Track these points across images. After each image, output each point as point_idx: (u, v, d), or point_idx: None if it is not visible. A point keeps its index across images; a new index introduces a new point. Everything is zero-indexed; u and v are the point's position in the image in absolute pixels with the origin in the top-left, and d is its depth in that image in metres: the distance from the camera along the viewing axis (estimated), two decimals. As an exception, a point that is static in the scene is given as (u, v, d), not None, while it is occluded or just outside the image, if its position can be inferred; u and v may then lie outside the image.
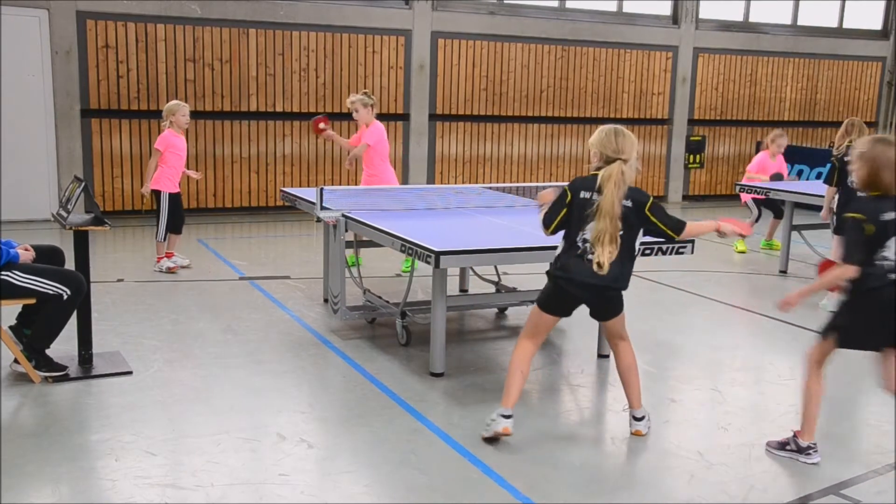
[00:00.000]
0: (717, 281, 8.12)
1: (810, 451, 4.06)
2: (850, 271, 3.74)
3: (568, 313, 4.23)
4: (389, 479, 3.80)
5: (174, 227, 7.82)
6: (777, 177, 9.51)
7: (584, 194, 4.02)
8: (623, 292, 4.18)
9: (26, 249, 4.81)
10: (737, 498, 3.71)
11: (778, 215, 9.65)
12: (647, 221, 4.07)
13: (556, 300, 4.15)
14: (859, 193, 3.98)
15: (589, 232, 3.98)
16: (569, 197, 4.07)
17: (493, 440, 4.16)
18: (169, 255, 7.85)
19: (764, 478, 3.90)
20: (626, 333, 4.30)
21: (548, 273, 4.17)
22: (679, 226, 4.12)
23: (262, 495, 3.60)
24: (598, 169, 4.04)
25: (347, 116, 11.72)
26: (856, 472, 4.01)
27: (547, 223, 4.12)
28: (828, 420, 4.74)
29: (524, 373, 4.21)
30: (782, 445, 4.15)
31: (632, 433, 4.32)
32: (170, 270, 7.73)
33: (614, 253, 3.97)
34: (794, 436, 4.12)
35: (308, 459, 3.97)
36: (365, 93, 7.78)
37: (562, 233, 4.15)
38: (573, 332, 6.16)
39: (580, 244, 4.03)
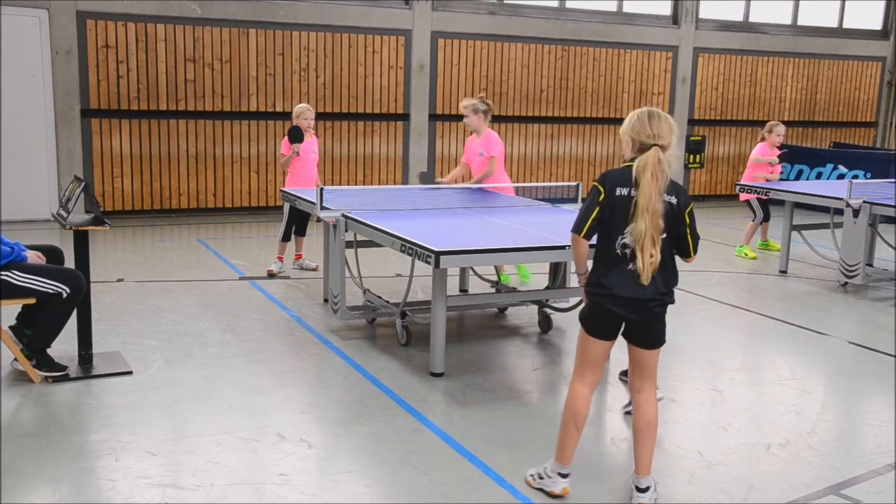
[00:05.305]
0: (717, 281, 8.12)
1: None
2: None
3: (614, 336, 3.59)
4: (389, 479, 3.80)
5: (290, 229, 7.85)
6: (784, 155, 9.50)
7: (620, 191, 3.42)
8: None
9: (39, 257, 4.84)
10: (737, 498, 3.71)
11: (766, 218, 9.53)
12: (681, 224, 3.52)
13: (600, 320, 3.54)
14: None
15: (629, 236, 3.40)
16: (602, 194, 3.44)
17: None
18: (297, 258, 8.08)
19: (764, 478, 3.90)
20: (656, 376, 3.70)
21: (585, 291, 3.59)
22: (696, 248, 3.61)
23: (262, 495, 3.60)
24: (633, 160, 3.47)
25: (347, 116, 11.77)
26: (856, 472, 4.00)
27: (578, 226, 3.48)
28: (828, 420, 4.74)
29: (579, 427, 3.60)
30: None
31: None
32: (269, 272, 7.78)
33: (657, 258, 3.38)
34: None
35: (308, 459, 3.97)
36: (480, 97, 7.28)
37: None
38: (573, 332, 6.15)
39: (619, 251, 3.43)
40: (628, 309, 3.45)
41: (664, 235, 3.44)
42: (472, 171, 7.40)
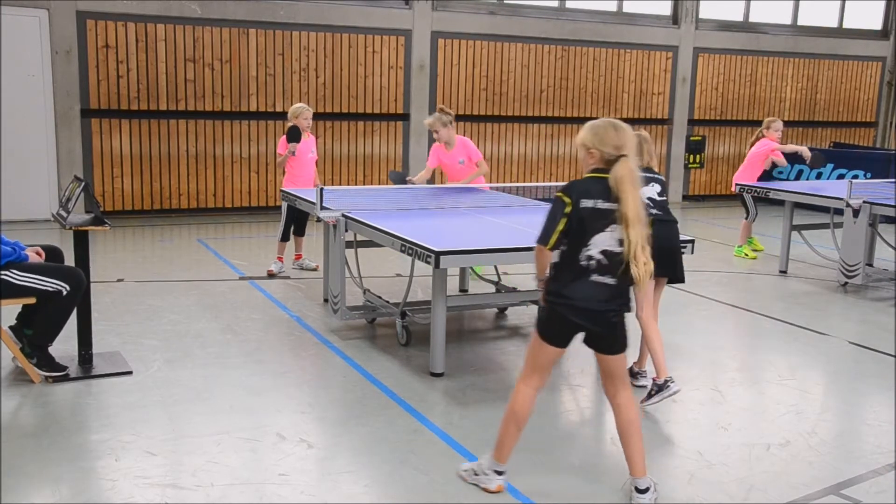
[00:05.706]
0: (717, 281, 8.12)
1: None
2: None
3: (567, 344, 3.61)
4: (389, 479, 3.80)
5: (288, 229, 7.88)
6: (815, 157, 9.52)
7: (586, 203, 3.39)
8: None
9: (38, 254, 4.85)
10: (737, 498, 3.71)
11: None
12: None
13: (558, 328, 3.55)
14: None
15: (594, 248, 3.39)
16: (568, 206, 3.40)
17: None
18: (297, 257, 8.14)
19: (764, 478, 3.90)
20: (628, 378, 3.75)
21: (545, 300, 3.56)
22: None
23: (262, 495, 3.60)
24: (597, 171, 3.47)
25: (347, 116, 11.77)
26: (856, 472, 4.00)
27: (545, 238, 3.45)
28: (828, 420, 4.74)
29: (520, 427, 3.65)
30: None
31: None
32: (269, 273, 7.77)
33: (650, 264, 3.38)
34: None
35: (308, 459, 3.97)
36: (441, 109, 7.39)
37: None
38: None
39: (583, 262, 3.42)
40: (587, 320, 3.48)
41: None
42: (451, 178, 7.61)
